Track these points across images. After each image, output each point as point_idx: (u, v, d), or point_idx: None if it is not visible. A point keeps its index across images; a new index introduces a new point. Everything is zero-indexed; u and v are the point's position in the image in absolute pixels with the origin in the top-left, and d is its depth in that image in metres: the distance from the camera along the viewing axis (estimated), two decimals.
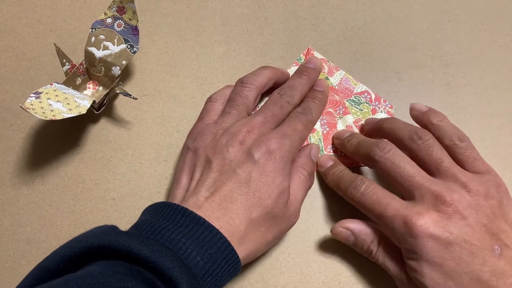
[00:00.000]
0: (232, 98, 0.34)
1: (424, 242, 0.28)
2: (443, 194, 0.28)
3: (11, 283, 0.34)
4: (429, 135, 0.31)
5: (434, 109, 0.33)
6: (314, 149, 0.35)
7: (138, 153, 0.37)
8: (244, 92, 0.33)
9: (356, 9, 0.41)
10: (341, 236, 0.32)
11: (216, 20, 0.41)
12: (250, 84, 0.34)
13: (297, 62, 0.39)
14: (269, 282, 0.34)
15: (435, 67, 0.39)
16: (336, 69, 0.38)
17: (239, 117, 0.32)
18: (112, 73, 0.37)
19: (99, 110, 0.36)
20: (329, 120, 0.37)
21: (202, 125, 0.33)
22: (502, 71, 0.39)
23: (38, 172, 0.37)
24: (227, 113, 0.33)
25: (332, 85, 0.38)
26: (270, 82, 0.35)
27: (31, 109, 0.30)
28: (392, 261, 0.31)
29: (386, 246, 0.31)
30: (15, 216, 0.36)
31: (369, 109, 0.37)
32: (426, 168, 0.31)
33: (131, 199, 0.36)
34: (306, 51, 0.39)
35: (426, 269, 0.28)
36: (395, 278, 0.31)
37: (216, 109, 0.34)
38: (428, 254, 0.28)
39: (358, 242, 0.32)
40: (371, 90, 0.38)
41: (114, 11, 0.36)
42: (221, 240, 0.26)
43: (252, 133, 0.31)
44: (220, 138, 0.31)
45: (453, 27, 0.40)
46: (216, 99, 0.34)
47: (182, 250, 0.25)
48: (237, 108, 0.33)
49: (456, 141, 0.31)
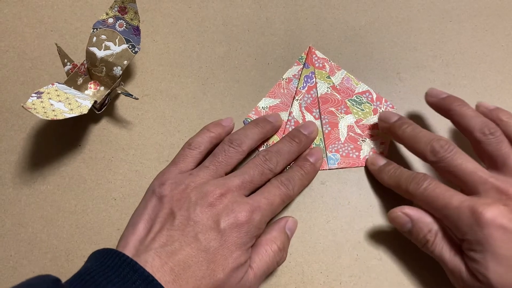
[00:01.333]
0: (216, 154, 0.32)
1: (492, 232, 0.27)
2: (508, 188, 0.29)
3: (13, 283, 0.34)
4: (500, 131, 0.31)
5: (501, 108, 0.34)
6: (290, 222, 0.33)
7: (139, 153, 0.37)
8: (229, 153, 0.32)
9: (357, 9, 0.41)
10: (399, 221, 0.31)
11: (217, 20, 0.41)
12: (237, 147, 0.32)
13: (298, 61, 0.39)
14: (270, 282, 0.34)
15: (436, 67, 0.39)
16: (338, 68, 0.39)
17: (217, 175, 0.31)
18: (114, 73, 0.37)
19: (100, 110, 0.36)
20: (331, 120, 0.37)
21: (175, 171, 0.31)
22: (503, 71, 0.39)
23: (39, 172, 0.37)
24: (205, 167, 0.31)
25: (333, 84, 0.38)
26: (259, 143, 0.35)
27: (32, 109, 0.30)
28: (450, 253, 0.30)
29: (444, 237, 0.30)
30: (16, 216, 0.36)
31: (371, 109, 0.37)
32: (491, 161, 0.31)
33: (132, 199, 0.36)
34: (307, 50, 0.39)
35: (491, 262, 0.27)
36: (451, 271, 0.30)
37: (194, 157, 0.32)
38: (495, 245, 0.27)
39: (414, 230, 0.31)
40: (373, 89, 0.38)
41: (116, 11, 0.36)
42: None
43: (225, 197, 0.29)
44: (191, 193, 0.29)
45: (454, 27, 0.41)
46: (195, 147, 0.33)
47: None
48: (217, 165, 0.32)
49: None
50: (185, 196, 0.29)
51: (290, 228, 0.33)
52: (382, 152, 0.37)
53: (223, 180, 0.30)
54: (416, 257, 0.35)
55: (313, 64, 0.38)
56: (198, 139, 0.33)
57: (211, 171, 0.31)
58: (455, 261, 0.30)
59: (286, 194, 0.32)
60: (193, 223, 0.28)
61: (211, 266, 0.27)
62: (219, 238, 0.28)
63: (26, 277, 0.34)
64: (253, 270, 0.30)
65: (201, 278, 0.27)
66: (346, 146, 0.37)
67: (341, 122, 0.37)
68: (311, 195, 0.36)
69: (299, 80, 0.38)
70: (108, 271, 0.25)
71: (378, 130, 0.37)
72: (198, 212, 0.28)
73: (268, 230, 0.32)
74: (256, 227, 0.29)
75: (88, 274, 0.25)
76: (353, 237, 0.35)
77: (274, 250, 0.31)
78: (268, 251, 0.31)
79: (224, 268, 0.28)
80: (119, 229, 0.35)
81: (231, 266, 0.28)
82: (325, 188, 0.36)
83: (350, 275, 0.34)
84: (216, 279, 0.27)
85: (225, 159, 0.32)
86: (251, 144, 0.33)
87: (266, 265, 0.30)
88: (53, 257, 0.35)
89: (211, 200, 0.29)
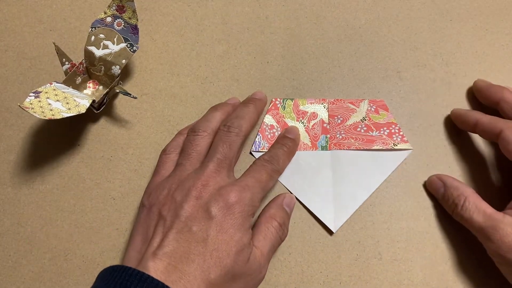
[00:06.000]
0: (184, 148, 0.33)
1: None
2: None
3: (12, 283, 0.34)
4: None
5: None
6: (287, 198, 0.34)
7: (138, 153, 0.37)
8: (196, 141, 0.32)
9: (357, 7, 0.41)
10: (433, 185, 0.34)
11: (217, 18, 0.41)
12: (201, 132, 0.33)
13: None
14: (270, 282, 0.34)
15: (437, 66, 0.39)
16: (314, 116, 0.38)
17: (192, 167, 0.31)
18: (112, 72, 0.36)
19: (99, 109, 0.36)
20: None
21: (158, 179, 0.32)
22: (503, 70, 0.39)
23: (38, 172, 0.37)
24: (180, 164, 0.32)
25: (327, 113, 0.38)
26: (223, 123, 0.35)
27: (30, 109, 0.30)
28: (480, 215, 0.31)
29: (475, 202, 0.31)
30: (15, 216, 0.36)
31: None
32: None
33: (131, 198, 0.36)
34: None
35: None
36: (483, 229, 0.31)
37: (172, 161, 0.33)
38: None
39: (446, 195, 0.33)
40: (375, 98, 0.38)
41: (114, 10, 0.36)
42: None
43: (208, 185, 0.29)
44: (174, 194, 0.29)
45: (454, 26, 0.40)
46: (170, 151, 0.33)
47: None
48: (189, 158, 0.32)
49: None
50: (170, 199, 0.29)
51: (288, 204, 0.34)
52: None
53: (199, 171, 0.30)
54: (416, 257, 0.34)
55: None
56: (172, 143, 0.34)
57: (186, 166, 0.31)
58: (490, 220, 0.30)
59: (272, 169, 0.32)
60: (184, 219, 0.28)
61: (214, 254, 0.27)
62: (214, 226, 0.28)
63: (25, 277, 0.34)
64: (259, 249, 0.30)
65: (207, 268, 0.27)
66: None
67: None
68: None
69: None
70: (114, 285, 0.25)
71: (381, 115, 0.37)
72: (186, 208, 0.28)
73: (266, 209, 0.33)
74: (249, 205, 0.29)
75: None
76: (353, 237, 0.35)
77: (275, 226, 0.31)
78: (270, 228, 0.31)
79: (229, 253, 0.27)
80: (117, 229, 0.35)
81: (235, 250, 0.28)
82: None
83: (350, 275, 0.34)
84: (223, 265, 0.27)
85: (193, 148, 0.32)
86: (214, 126, 0.34)
87: (270, 242, 0.31)
88: (52, 256, 0.35)
89: (195, 193, 0.29)
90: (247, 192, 0.30)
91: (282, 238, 0.32)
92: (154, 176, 0.33)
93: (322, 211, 0.35)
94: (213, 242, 0.27)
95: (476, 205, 0.31)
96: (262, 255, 0.30)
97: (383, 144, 0.36)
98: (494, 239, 0.30)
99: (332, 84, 0.39)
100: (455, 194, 0.32)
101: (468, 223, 0.32)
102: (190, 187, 0.29)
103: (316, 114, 0.37)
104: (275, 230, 0.31)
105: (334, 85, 0.39)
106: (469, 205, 0.32)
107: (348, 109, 0.37)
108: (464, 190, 0.32)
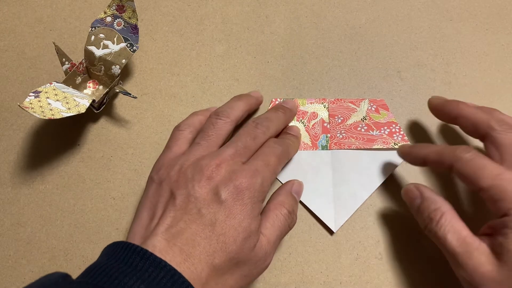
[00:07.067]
0: (205, 129, 0.32)
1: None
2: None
3: (12, 283, 0.34)
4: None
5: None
6: (296, 185, 0.33)
7: (138, 152, 0.37)
8: (218, 124, 0.32)
9: (357, 7, 0.41)
10: (410, 194, 0.31)
11: (217, 18, 0.41)
12: (225, 117, 0.32)
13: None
14: (270, 282, 0.34)
15: (437, 66, 0.39)
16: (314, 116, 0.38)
17: (209, 149, 0.31)
18: (112, 72, 0.36)
19: (99, 109, 0.36)
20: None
21: (170, 155, 0.31)
22: (503, 70, 0.39)
23: (38, 172, 0.37)
24: (197, 144, 0.31)
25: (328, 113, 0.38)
26: (245, 115, 0.35)
27: (30, 108, 0.30)
28: (459, 236, 0.28)
29: (452, 220, 0.29)
30: (15, 216, 0.36)
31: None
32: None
33: (131, 198, 0.36)
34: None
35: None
36: (457, 254, 0.28)
37: (185, 138, 0.32)
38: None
39: (422, 207, 0.30)
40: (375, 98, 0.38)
41: (114, 10, 0.36)
42: (184, 284, 0.24)
43: (221, 167, 0.29)
44: (186, 171, 0.29)
45: (454, 26, 0.40)
46: (184, 128, 0.33)
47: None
48: (208, 139, 0.31)
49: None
50: (182, 176, 0.29)
51: (297, 191, 0.33)
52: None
53: (217, 152, 0.30)
54: (416, 257, 0.34)
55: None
56: (186, 121, 0.33)
57: (203, 147, 0.31)
58: (465, 244, 0.28)
59: (281, 151, 0.32)
60: (194, 199, 0.28)
61: (221, 239, 0.27)
62: (223, 210, 0.27)
63: (25, 277, 0.34)
64: (266, 236, 0.29)
65: (213, 253, 0.26)
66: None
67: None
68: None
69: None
70: (119, 263, 0.25)
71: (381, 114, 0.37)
72: (197, 188, 0.28)
73: (275, 196, 0.32)
74: (259, 191, 0.29)
75: (100, 268, 0.24)
76: (353, 237, 0.35)
77: (284, 213, 0.31)
78: (278, 215, 0.31)
79: (236, 239, 0.27)
80: (117, 229, 0.35)
81: (242, 236, 0.27)
82: None
83: (350, 275, 0.34)
84: (229, 251, 0.27)
85: (214, 131, 0.32)
86: (238, 114, 0.33)
87: (278, 230, 0.30)
88: (52, 256, 0.35)
89: (207, 173, 0.28)
90: (258, 177, 0.29)
91: (291, 226, 0.32)
92: (165, 151, 0.32)
93: (322, 210, 0.35)
94: (220, 227, 0.27)
95: (453, 224, 0.29)
96: (268, 242, 0.29)
97: (384, 143, 0.36)
98: (467, 268, 0.27)
99: (332, 84, 0.39)
100: (432, 207, 0.30)
101: (440, 242, 0.29)
102: (203, 166, 0.29)
103: (316, 114, 0.37)
104: (283, 218, 0.31)
105: (334, 85, 0.39)
106: (445, 222, 0.29)
107: (348, 109, 0.37)
108: (442, 205, 0.30)
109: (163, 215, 0.28)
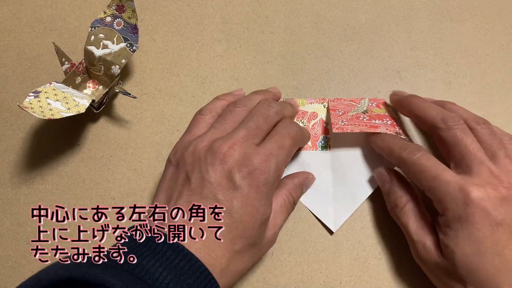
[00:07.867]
0: (223, 115, 0.32)
1: (474, 213, 0.27)
2: (501, 175, 0.28)
3: (12, 283, 0.34)
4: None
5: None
6: (309, 180, 0.35)
7: (138, 152, 0.37)
8: (235, 111, 0.32)
9: (357, 7, 0.41)
10: (381, 177, 0.33)
11: (217, 18, 0.41)
12: (242, 106, 0.32)
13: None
14: (270, 282, 0.34)
15: (437, 66, 0.39)
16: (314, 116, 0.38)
17: (224, 132, 0.31)
18: (112, 72, 0.36)
19: (98, 109, 0.36)
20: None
21: (188, 137, 0.31)
22: (503, 70, 0.39)
23: (38, 172, 0.37)
24: (214, 127, 0.31)
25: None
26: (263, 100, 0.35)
27: (29, 109, 0.30)
28: (417, 225, 0.31)
29: (414, 209, 0.31)
30: (15, 216, 0.36)
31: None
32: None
33: (131, 198, 0.36)
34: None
35: (463, 241, 0.27)
36: (414, 242, 0.31)
37: (206, 122, 0.32)
38: (473, 226, 0.27)
39: (391, 192, 0.32)
40: (372, 94, 0.38)
41: (114, 10, 0.36)
42: (200, 269, 0.25)
43: (233, 150, 0.28)
44: (200, 153, 0.29)
45: (454, 26, 0.40)
46: (205, 113, 0.33)
47: (159, 281, 0.23)
48: (224, 123, 0.31)
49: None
50: (196, 158, 0.29)
51: (307, 185, 0.35)
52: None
53: (229, 135, 0.30)
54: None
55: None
56: (208, 106, 0.33)
57: (219, 130, 0.31)
58: (420, 234, 0.30)
59: (296, 132, 0.32)
60: (208, 184, 0.27)
61: (240, 227, 0.27)
62: (239, 197, 0.27)
63: (25, 277, 0.34)
64: (275, 219, 0.30)
65: (233, 239, 0.27)
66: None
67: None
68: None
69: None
70: (138, 246, 0.25)
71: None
72: (210, 172, 0.28)
73: (287, 181, 0.33)
74: (273, 176, 0.29)
75: (119, 250, 0.25)
76: (353, 237, 0.35)
77: (291, 202, 0.32)
78: (286, 201, 0.31)
79: (254, 226, 0.28)
80: None
81: (259, 222, 0.28)
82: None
83: (350, 275, 0.34)
84: (248, 236, 0.27)
85: (231, 117, 0.32)
86: (253, 105, 0.33)
87: (285, 215, 0.31)
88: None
89: (220, 156, 0.28)
90: (272, 160, 0.29)
91: (290, 213, 0.33)
92: (185, 134, 0.32)
93: (322, 211, 0.35)
94: (238, 214, 0.27)
95: (414, 213, 0.31)
96: (275, 225, 0.30)
97: (387, 130, 0.35)
98: (421, 256, 0.30)
99: (332, 83, 0.39)
100: (398, 193, 0.32)
101: (403, 227, 0.31)
102: (216, 148, 0.28)
103: (316, 114, 0.37)
104: (290, 206, 0.32)
105: (334, 85, 0.39)
106: (408, 210, 0.31)
107: (349, 105, 0.37)
108: (408, 192, 0.32)
109: (179, 199, 0.28)
